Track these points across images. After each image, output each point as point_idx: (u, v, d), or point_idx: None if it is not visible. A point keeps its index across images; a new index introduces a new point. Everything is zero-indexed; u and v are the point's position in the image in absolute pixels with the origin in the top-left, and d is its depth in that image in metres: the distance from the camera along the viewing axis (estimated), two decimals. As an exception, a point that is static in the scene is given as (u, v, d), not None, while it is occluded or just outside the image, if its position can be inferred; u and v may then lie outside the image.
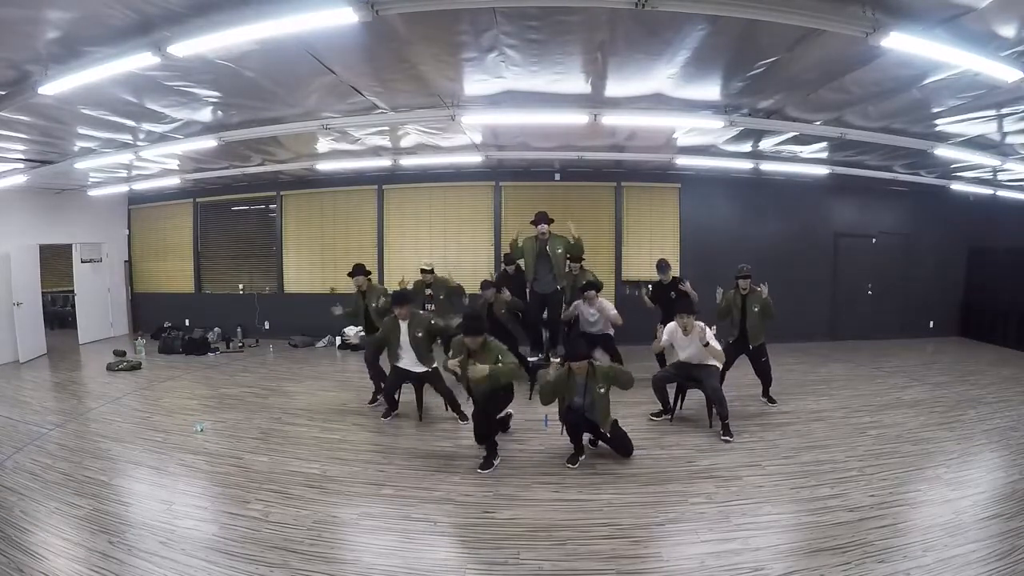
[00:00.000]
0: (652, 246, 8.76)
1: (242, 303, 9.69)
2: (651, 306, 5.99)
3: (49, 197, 8.81)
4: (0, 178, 6.86)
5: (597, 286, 5.78)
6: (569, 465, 3.86)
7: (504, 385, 4.00)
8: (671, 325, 4.75)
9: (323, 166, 7.85)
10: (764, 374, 5.39)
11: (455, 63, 3.99)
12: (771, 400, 5.41)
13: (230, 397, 5.91)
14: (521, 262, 6.57)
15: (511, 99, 4.74)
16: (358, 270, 5.47)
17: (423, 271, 6.23)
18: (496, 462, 3.87)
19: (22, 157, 6.37)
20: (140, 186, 8.96)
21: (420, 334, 4.73)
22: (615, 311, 5.77)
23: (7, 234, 7.86)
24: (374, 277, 9.03)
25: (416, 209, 9.17)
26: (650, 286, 6.27)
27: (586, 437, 4.06)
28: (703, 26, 3.30)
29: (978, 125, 5.18)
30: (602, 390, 3.85)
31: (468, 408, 4.51)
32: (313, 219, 9.54)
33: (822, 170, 7.64)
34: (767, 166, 7.62)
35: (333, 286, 9.20)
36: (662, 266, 6.00)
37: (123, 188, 9.19)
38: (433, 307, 6.06)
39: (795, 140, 6.19)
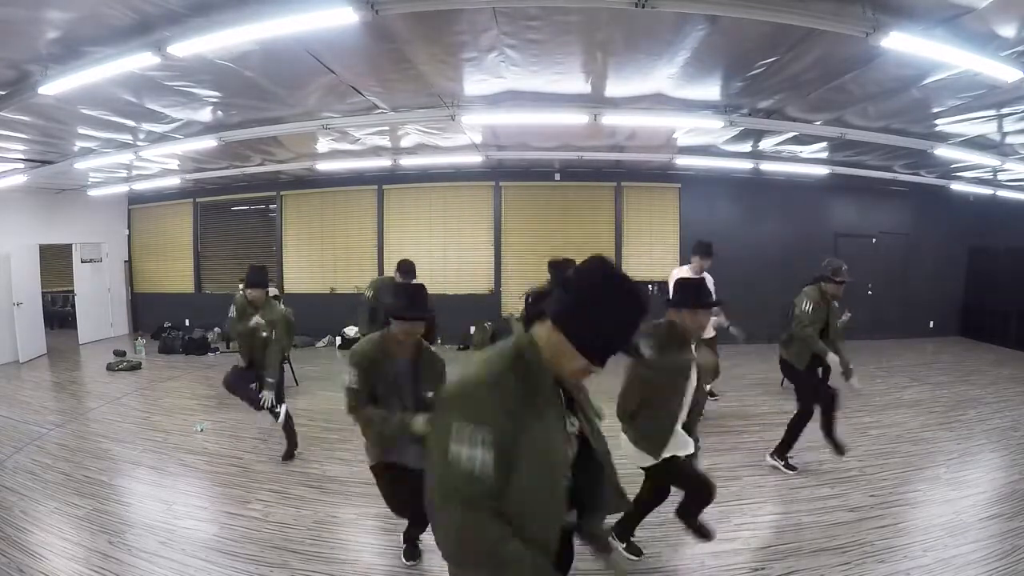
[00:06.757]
0: (652, 246, 8.77)
1: (242, 303, 9.68)
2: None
3: (49, 197, 8.82)
4: (0, 178, 6.86)
5: None
6: None
7: None
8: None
9: (323, 166, 7.85)
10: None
11: (455, 63, 3.99)
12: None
13: (230, 397, 5.88)
14: None
15: (511, 99, 4.74)
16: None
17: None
18: None
19: (22, 157, 6.37)
20: (140, 186, 8.96)
21: None
22: None
23: (7, 234, 7.87)
24: (375, 276, 9.12)
25: (416, 209, 9.17)
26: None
27: None
28: (703, 26, 3.30)
29: (978, 125, 5.18)
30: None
31: None
32: (313, 219, 9.53)
33: (822, 170, 7.63)
34: (767, 166, 7.61)
35: (333, 286, 9.21)
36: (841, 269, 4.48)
37: (123, 188, 9.19)
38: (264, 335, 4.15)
39: (795, 140, 6.19)
